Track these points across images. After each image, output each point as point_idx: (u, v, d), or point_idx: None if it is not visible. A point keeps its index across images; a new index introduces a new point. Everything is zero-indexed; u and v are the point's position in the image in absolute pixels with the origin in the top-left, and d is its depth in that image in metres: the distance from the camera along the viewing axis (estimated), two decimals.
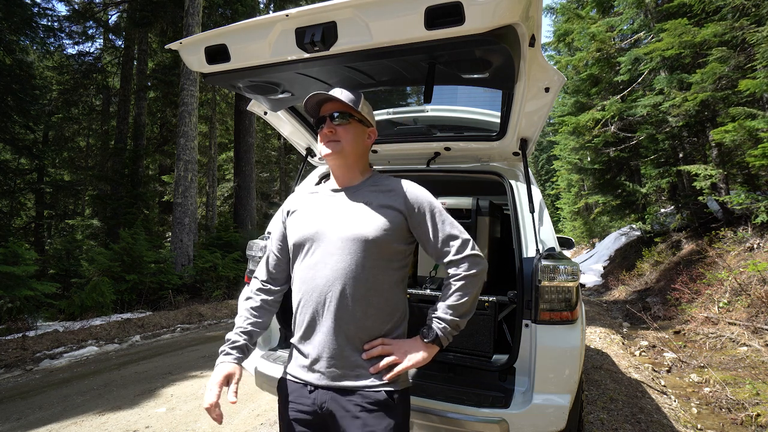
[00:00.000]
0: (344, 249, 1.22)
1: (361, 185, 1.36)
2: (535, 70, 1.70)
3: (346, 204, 1.31)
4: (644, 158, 11.67)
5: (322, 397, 1.20)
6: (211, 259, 9.63)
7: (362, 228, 1.23)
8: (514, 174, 2.47)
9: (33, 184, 12.67)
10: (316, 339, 1.22)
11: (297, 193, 1.48)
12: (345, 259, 1.21)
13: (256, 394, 3.53)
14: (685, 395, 4.04)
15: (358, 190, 1.34)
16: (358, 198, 1.32)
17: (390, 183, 1.35)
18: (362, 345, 1.21)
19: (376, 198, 1.30)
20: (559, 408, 1.76)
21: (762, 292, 5.76)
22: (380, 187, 1.34)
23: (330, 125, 1.33)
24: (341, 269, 1.20)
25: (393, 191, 1.32)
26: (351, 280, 1.20)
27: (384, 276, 1.24)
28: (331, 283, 1.20)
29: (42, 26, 11.06)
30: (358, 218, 1.26)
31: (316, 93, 1.32)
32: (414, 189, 1.33)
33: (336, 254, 1.22)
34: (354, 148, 1.34)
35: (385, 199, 1.30)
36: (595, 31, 10.44)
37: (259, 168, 20.65)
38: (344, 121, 1.33)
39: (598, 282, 14.83)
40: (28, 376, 4.25)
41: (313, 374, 1.22)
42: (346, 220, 1.26)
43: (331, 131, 1.33)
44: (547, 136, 25.76)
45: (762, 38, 6.33)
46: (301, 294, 1.26)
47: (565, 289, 1.87)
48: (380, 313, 1.23)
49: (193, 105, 9.91)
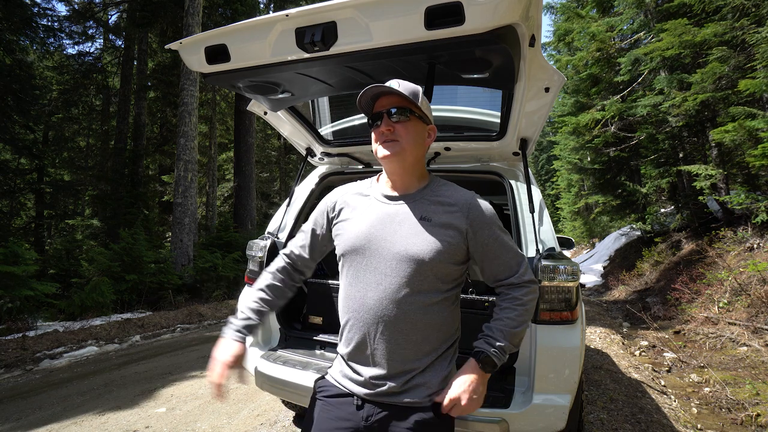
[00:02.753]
0: (399, 270, 1.14)
1: (420, 194, 1.23)
2: (535, 70, 1.70)
3: (403, 218, 1.19)
4: (644, 158, 11.67)
5: (370, 410, 1.15)
6: (211, 259, 9.62)
7: (420, 249, 1.14)
8: (514, 174, 2.47)
9: (33, 184, 12.67)
10: (367, 359, 1.17)
11: (345, 191, 1.35)
12: (400, 282, 1.13)
13: (256, 394, 3.53)
14: (685, 395, 4.04)
15: (416, 201, 1.22)
16: (416, 211, 1.19)
17: (452, 195, 1.23)
18: (416, 361, 1.15)
19: (435, 213, 1.19)
20: (559, 408, 1.76)
21: (762, 292, 5.76)
22: (441, 199, 1.21)
23: (388, 122, 1.18)
24: (394, 291, 1.13)
25: (455, 207, 1.20)
26: (406, 305, 1.13)
27: (441, 297, 1.16)
28: (384, 306, 1.13)
29: (42, 26, 11.08)
30: (416, 237, 1.15)
31: (373, 86, 1.18)
32: (478, 207, 1.21)
33: (390, 275, 1.14)
34: (414, 149, 1.20)
35: (446, 216, 1.18)
36: (596, 31, 10.44)
37: (259, 168, 20.65)
38: (404, 118, 1.18)
39: (598, 282, 14.82)
40: (28, 376, 4.25)
41: (362, 389, 1.17)
42: (402, 238, 1.16)
43: (390, 129, 1.18)
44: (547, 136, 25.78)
45: (762, 38, 6.32)
46: (350, 313, 1.19)
47: (565, 289, 1.87)
48: (437, 333, 1.17)
49: (193, 105, 9.91)
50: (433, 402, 1.15)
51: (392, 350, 1.13)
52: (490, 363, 1.14)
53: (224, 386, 1.18)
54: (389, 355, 1.14)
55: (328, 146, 2.80)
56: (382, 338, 1.14)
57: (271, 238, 2.65)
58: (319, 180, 2.88)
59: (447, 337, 1.20)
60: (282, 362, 2.25)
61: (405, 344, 1.14)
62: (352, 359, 1.20)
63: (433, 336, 1.16)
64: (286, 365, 2.21)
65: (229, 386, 3.77)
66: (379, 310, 1.13)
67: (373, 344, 1.15)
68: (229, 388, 3.76)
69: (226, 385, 1.20)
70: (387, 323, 1.13)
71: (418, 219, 1.18)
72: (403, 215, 1.19)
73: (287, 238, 2.69)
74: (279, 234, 2.72)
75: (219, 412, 3.22)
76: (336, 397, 1.21)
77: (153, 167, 17.75)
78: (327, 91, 1.99)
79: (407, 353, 1.14)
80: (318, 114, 2.74)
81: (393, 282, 1.13)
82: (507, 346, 1.16)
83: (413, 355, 1.14)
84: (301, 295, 3.00)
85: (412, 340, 1.14)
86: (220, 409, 3.27)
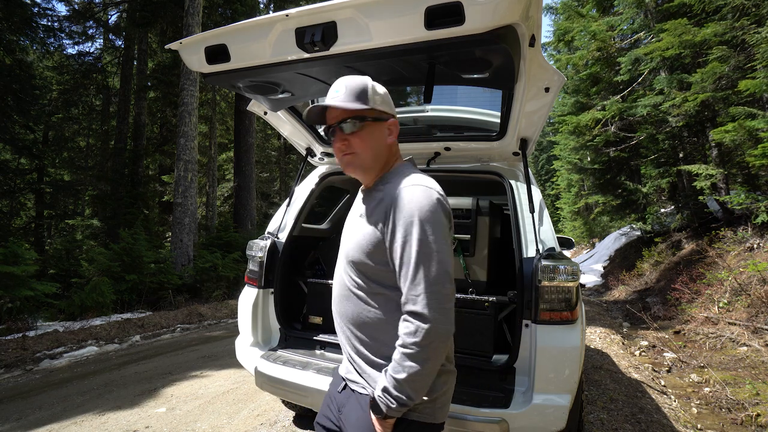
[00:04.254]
0: (344, 269, 1.17)
1: (373, 189, 1.18)
2: (535, 70, 1.70)
3: (354, 215, 1.22)
4: (644, 158, 11.67)
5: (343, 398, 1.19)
6: (211, 259, 9.62)
7: (351, 248, 1.14)
8: (514, 174, 2.47)
9: (33, 184, 12.67)
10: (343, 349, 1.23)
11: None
12: (343, 280, 1.17)
13: (256, 394, 3.53)
14: (685, 395, 4.04)
15: (366, 197, 1.19)
16: (361, 208, 1.19)
17: (386, 188, 1.12)
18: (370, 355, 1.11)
19: (370, 209, 1.13)
20: (559, 408, 1.76)
21: (762, 292, 5.76)
22: (377, 193, 1.14)
23: (341, 136, 1.12)
24: (341, 289, 1.18)
25: (384, 202, 1.09)
26: (350, 303, 1.14)
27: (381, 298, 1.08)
28: (338, 302, 1.20)
29: (42, 26, 11.08)
30: (353, 236, 1.15)
31: (313, 106, 1.13)
32: (400, 202, 1.03)
33: (339, 274, 1.20)
34: (373, 154, 1.13)
35: (375, 212, 1.10)
36: (596, 30, 10.43)
37: (259, 168, 20.63)
38: (355, 129, 1.11)
39: (598, 282, 14.82)
40: (28, 376, 4.25)
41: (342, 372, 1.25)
42: (348, 237, 1.19)
43: (345, 143, 1.12)
44: (547, 136, 25.76)
45: (762, 38, 6.32)
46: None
47: (565, 289, 1.87)
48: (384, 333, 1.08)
49: (193, 105, 9.91)
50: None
51: (351, 344, 1.16)
52: (376, 407, 1.02)
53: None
54: (349, 348, 1.17)
55: (328, 146, 2.81)
56: (342, 333, 1.19)
57: (271, 238, 2.65)
58: (319, 180, 2.88)
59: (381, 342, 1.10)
60: (282, 362, 2.25)
61: (356, 340, 1.14)
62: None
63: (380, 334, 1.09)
64: (286, 365, 2.21)
65: (229, 386, 3.77)
66: (337, 306, 1.19)
67: (342, 337, 1.20)
68: (228, 389, 3.77)
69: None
70: (342, 318, 1.18)
71: (358, 216, 1.18)
72: (357, 211, 1.21)
73: (287, 238, 2.69)
74: (279, 234, 2.72)
75: (219, 412, 3.22)
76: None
77: (153, 167, 17.74)
78: (327, 91, 1.99)
79: (361, 348, 1.13)
80: None
81: (340, 280, 1.19)
82: (395, 391, 0.97)
83: (367, 349, 1.12)
84: (301, 295, 3.00)
85: (359, 338, 1.13)
86: (220, 409, 3.27)
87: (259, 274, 2.57)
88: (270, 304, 2.61)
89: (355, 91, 1.10)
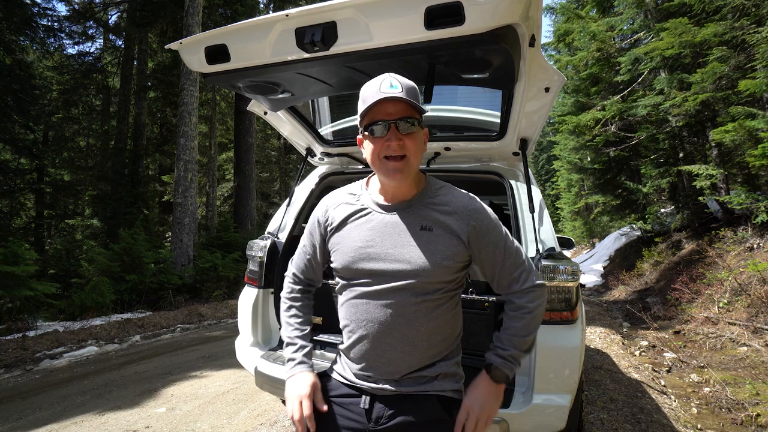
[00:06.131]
0: (402, 281, 1.09)
1: (417, 201, 1.14)
2: (535, 70, 1.70)
3: (403, 228, 1.12)
4: (644, 158, 11.67)
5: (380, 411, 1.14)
6: (211, 259, 9.63)
7: (423, 260, 1.09)
8: (514, 174, 2.47)
9: (33, 184, 12.68)
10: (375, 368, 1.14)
11: (334, 200, 1.24)
12: (403, 293, 1.10)
13: (256, 394, 3.53)
14: (685, 395, 4.04)
15: (415, 209, 1.14)
16: (416, 219, 1.12)
17: (451, 201, 1.14)
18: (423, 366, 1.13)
19: (435, 220, 1.12)
20: (559, 408, 1.76)
21: (762, 292, 5.76)
22: (440, 206, 1.13)
23: (396, 135, 1.04)
24: (398, 302, 1.10)
25: (456, 214, 1.12)
26: (411, 314, 1.10)
27: (444, 304, 1.14)
28: (389, 316, 1.10)
29: (42, 26, 11.09)
30: (418, 248, 1.09)
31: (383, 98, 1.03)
32: (479, 213, 1.14)
33: (393, 287, 1.10)
34: (418, 161, 1.10)
35: (446, 224, 1.11)
36: (596, 31, 10.44)
37: (259, 168, 20.65)
38: (413, 129, 1.05)
39: (598, 282, 14.82)
40: (28, 376, 4.25)
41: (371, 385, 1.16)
42: (404, 249, 1.10)
43: (399, 143, 1.04)
44: (547, 136, 25.78)
45: (762, 38, 6.32)
46: (355, 322, 1.14)
47: (565, 289, 1.87)
48: (441, 337, 1.15)
49: (193, 105, 9.91)
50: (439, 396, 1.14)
51: (399, 358, 1.11)
52: (501, 375, 1.14)
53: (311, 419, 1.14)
54: (396, 363, 1.11)
55: (328, 146, 2.81)
56: (389, 348, 1.11)
57: (271, 238, 2.65)
58: (319, 180, 2.88)
59: (452, 339, 1.19)
60: (282, 362, 2.25)
61: (412, 351, 1.11)
62: (358, 362, 1.17)
63: (438, 339, 1.14)
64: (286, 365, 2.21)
65: (229, 386, 3.77)
66: (385, 321, 1.10)
67: (380, 354, 1.12)
68: (228, 389, 3.77)
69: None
70: (392, 333, 1.10)
71: (419, 229, 1.11)
72: (403, 225, 1.12)
73: (287, 238, 2.69)
74: (279, 234, 2.72)
75: (219, 412, 3.22)
76: (344, 397, 1.18)
77: (153, 167, 17.75)
78: (327, 91, 1.99)
79: (412, 360, 1.12)
80: (318, 114, 2.74)
81: (396, 293, 1.10)
82: (516, 354, 1.14)
83: (417, 362, 1.12)
84: None
85: (418, 347, 1.11)
86: (220, 409, 3.27)
87: (259, 274, 2.57)
88: (270, 304, 2.61)
89: (412, 90, 1.05)
